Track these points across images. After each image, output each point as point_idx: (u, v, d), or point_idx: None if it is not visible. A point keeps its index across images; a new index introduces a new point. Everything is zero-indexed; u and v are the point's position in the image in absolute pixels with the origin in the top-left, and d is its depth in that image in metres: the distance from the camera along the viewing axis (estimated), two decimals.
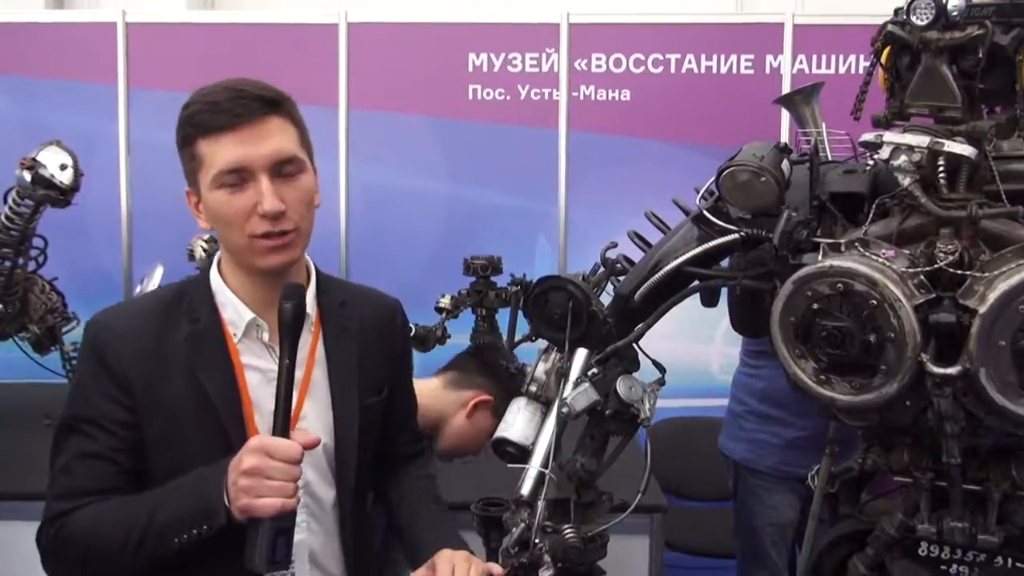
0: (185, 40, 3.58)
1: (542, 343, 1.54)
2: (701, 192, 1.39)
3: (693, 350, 3.41)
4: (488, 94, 3.54)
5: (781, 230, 1.19)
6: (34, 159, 2.66)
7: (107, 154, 3.47)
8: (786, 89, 3.29)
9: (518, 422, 1.38)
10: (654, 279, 1.33)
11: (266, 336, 1.16)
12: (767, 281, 1.25)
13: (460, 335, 3.01)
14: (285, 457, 0.99)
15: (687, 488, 3.07)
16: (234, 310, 1.15)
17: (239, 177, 1.07)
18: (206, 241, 3.11)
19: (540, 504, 1.27)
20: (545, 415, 1.37)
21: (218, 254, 1.20)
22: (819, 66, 3.47)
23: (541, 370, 1.43)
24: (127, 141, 3.55)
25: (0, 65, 3.62)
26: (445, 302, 2.95)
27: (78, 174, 2.73)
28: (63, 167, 2.70)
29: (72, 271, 3.16)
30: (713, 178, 1.34)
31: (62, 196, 2.72)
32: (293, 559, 1.07)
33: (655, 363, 1.46)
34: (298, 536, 1.09)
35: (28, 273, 2.87)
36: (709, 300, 1.45)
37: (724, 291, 1.38)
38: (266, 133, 1.07)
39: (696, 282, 1.36)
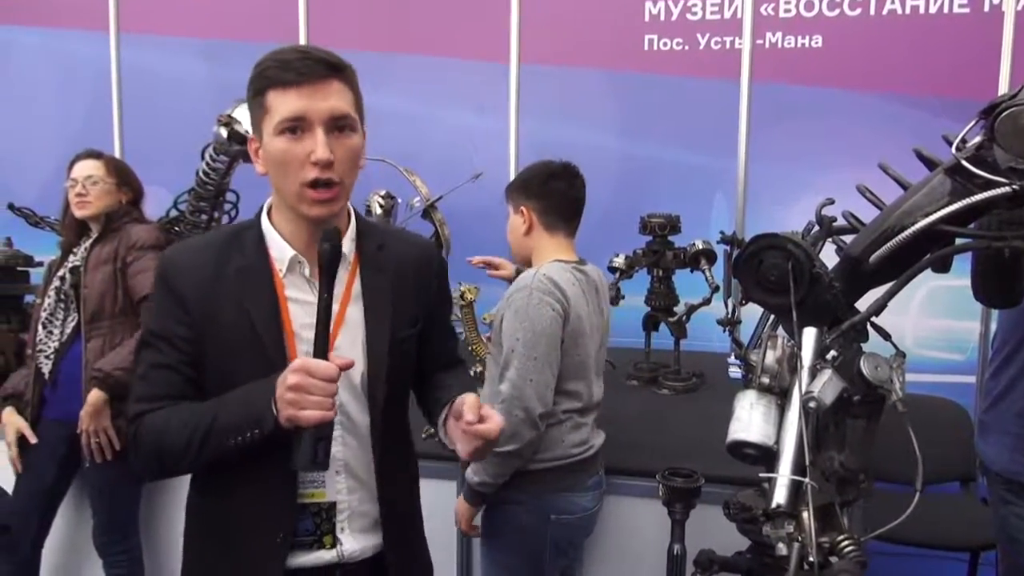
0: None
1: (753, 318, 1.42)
2: (956, 140, 1.21)
3: (885, 321, 3.13)
4: (665, 44, 3.38)
5: None
6: (230, 116, 2.77)
7: None
8: (1008, 31, 2.91)
9: (755, 420, 1.25)
10: (897, 239, 1.18)
11: (307, 271, 1.28)
12: None
13: (634, 296, 2.91)
14: (323, 376, 1.12)
15: (880, 469, 2.83)
16: (279, 248, 1.28)
17: (298, 127, 1.18)
18: (383, 197, 3.15)
19: (807, 516, 1.13)
20: (782, 408, 1.24)
21: (268, 201, 1.32)
22: None
23: (771, 359, 1.30)
24: None
25: (193, 29, 3.83)
26: (619, 262, 2.85)
27: None
28: None
29: None
30: (972, 123, 1.16)
31: None
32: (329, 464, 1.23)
33: (883, 333, 1.31)
34: (334, 448, 1.25)
35: (223, 226, 3.02)
36: (943, 265, 1.27)
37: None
38: (327, 92, 1.19)
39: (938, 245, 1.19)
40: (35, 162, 3.83)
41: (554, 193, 2.02)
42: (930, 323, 3.10)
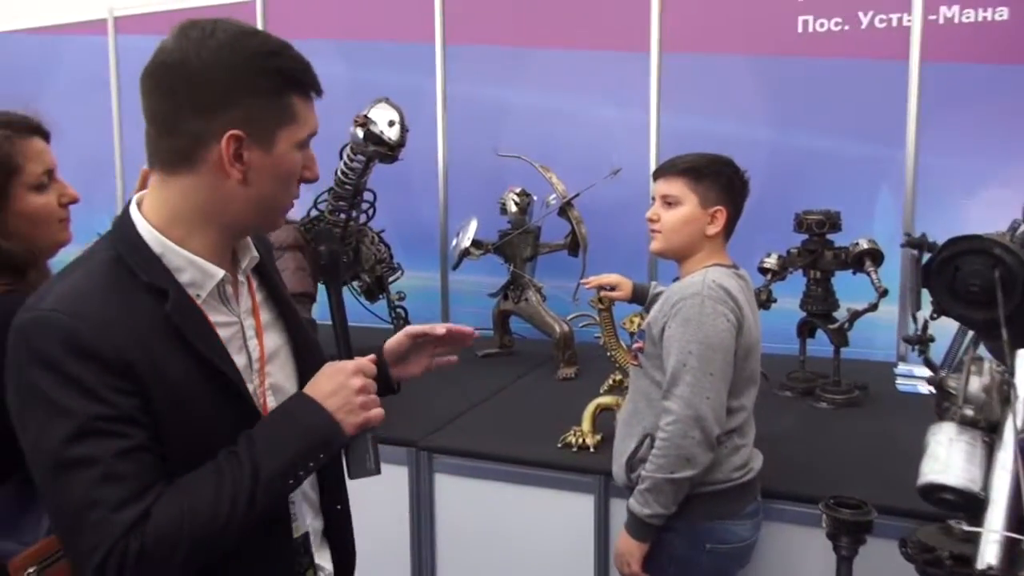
0: None
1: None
2: None
3: None
4: (822, 25, 3.10)
5: None
6: (366, 116, 2.78)
7: (425, 110, 3.59)
8: None
9: (955, 460, 1.06)
10: None
11: (228, 288, 1.15)
12: None
13: (786, 299, 2.69)
14: (372, 373, 1.14)
15: None
16: (198, 271, 1.09)
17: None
18: (518, 194, 3.08)
19: None
20: (990, 446, 1.04)
21: (133, 213, 1.09)
22: None
23: (976, 386, 1.10)
24: (444, 97, 3.64)
25: (332, 31, 3.89)
26: (771, 262, 2.65)
27: (404, 130, 2.81)
28: (391, 123, 2.79)
29: (395, 224, 3.31)
30: None
31: (390, 152, 2.82)
32: None
33: None
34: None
35: (360, 225, 3.04)
36: None
37: None
38: None
39: None
40: None
41: (742, 204, 1.92)
42: None
